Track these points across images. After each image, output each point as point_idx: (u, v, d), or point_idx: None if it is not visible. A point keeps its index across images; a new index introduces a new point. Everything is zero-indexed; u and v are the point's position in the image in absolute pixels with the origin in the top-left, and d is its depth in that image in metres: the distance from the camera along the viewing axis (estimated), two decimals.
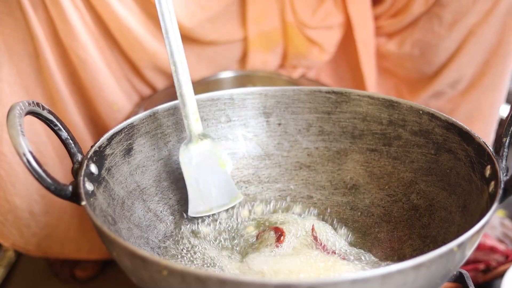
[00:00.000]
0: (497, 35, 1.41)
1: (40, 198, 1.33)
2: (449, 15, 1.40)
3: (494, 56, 1.43)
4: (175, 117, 1.02)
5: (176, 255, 0.95)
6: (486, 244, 1.40)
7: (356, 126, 1.06)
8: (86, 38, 1.26)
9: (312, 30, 1.44)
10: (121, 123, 0.95)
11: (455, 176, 0.93)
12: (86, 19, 1.25)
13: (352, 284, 0.64)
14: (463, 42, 1.43)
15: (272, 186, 1.08)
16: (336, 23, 1.47)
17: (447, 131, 0.95)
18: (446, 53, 1.45)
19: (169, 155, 1.02)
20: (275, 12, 1.44)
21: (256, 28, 1.43)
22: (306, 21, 1.43)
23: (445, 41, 1.43)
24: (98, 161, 0.88)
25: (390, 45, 1.50)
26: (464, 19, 1.39)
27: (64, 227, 1.38)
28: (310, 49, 1.46)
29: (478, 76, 1.46)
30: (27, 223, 1.34)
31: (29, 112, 0.81)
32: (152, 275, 0.69)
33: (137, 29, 1.29)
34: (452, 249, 0.70)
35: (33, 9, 1.20)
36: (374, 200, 1.04)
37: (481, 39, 1.41)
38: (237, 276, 0.69)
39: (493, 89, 1.47)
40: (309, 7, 1.45)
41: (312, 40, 1.45)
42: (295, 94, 1.08)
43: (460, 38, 1.42)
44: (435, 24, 1.42)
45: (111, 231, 0.73)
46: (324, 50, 1.47)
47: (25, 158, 0.74)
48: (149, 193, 0.98)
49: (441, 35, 1.42)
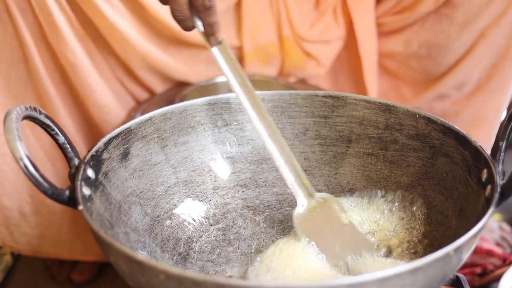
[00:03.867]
0: (507, 39, 1.39)
1: (31, 198, 1.32)
2: (460, 16, 1.38)
3: (503, 59, 1.42)
4: (172, 121, 1.02)
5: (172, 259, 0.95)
6: (483, 247, 1.40)
7: (353, 130, 1.06)
8: (73, 41, 1.25)
9: (309, 44, 1.43)
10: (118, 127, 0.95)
11: (451, 180, 0.93)
12: (73, 22, 1.24)
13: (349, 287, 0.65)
14: (473, 44, 1.41)
15: (269, 190, 1.08)
16: (335, 37, 1.46)
17: (443, 135, 0.95)
18: (455, 55, 1.44)
19: (166, 159, 1.02)
20: (271, 26, 1.43)
21: (252, 41, 1.42)
22: (303, 35, 1.42)
23: (455, 42, 1.41)
24: (95, 165, 0.88)
25: (396, 45, 1.49)
26: (476, 21, 1.38)
27: (56, 227, 1.38)
28: (307, 62, 1.45)
29: (485, 79, 1.45)
30: (17, 223, 1.34)
31: (26, 117, 0.81)
32: (149, 279, 0.69)
33: (127, 30, 1.29)
34: (449, 253, 0.70)
35: (20, 13, 1.20)
36: None
37: (491, 41, 1.40)
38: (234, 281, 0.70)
39: (499, 92, 1.45)
40: (306, 21, 1.44)
41: (309, 53, 1.44)
42: (291, 98, 1.08)
43: (471, 40, 1.41)
44: (445, 25, 1.40)
45: (108, 236, 0.73)
46: (321, 63, 1.46)
47: (22, 162, 0.74)
48: (146, 198, 0.98)
49: (451, 36, 1.41)
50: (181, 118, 1.04)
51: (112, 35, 1.29)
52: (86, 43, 1.28)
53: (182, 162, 1.04)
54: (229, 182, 1.07)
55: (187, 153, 1.05)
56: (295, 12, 1.43)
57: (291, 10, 1.42)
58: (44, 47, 1.25)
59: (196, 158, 1.05)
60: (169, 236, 0.98)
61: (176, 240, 0.99)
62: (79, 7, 1.24)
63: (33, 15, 1.21)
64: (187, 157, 1.04)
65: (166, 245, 0.97)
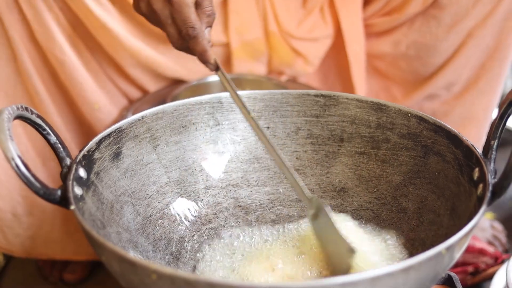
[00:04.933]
0: (494, 39, 1.40)
1: (23, 199, 1.32)
2: (447, 17, 1.39)
3: (491, 59, 1.43)
4: (164, 121, 1.02)
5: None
6: (475, 246, 1.41)
7: (345, 129, 1.06)
8: (62, 39, 1.25)
9: (297, 41, 1.44)
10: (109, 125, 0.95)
11: (443, 179, 0.93)
12: (62, 20, 1.24)
13: (341, 287, 0.65)
14: (461, 45, 1.42)
15: (261, 189, 1.08)
16: (323, 36, 1.47)
17: (435, 134, 0.95)
18: (444, 55, 1.44)
19: (158, 159, 1.02)
20: (257, 23, 1.43)
21: (239, 38, 1.43)
22: (291, 31, 1.43)
23: (443, 43, 1.42)
24: (87, 165, 0.87)
25: (385, 46, 1.49)
26: (463, 22, 1.38)
27: (48, 228, 1.38)
28: (295, 59, 1.46)
29: (473, 79, 1.46)
30: (10, 224, 1.33)
31: (18, 117, 0.81)
32: (141, 279, 0.69)
33: (116, 28, 1.28)
34: (440, 252, 0.70)
35: (8, 12, 1.19)
36: (363, 203, 1.04)
37: (479, 42, 1.40)
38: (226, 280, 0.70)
39: (488, 92, 1.46)
40: (294, 18, 1.45)
41: (297, 51, 1.44)
42: (283, 97, 1.08)
43: (459, 40, 1.42)
44: (432, 26, 1.41)
45: (100, 235, 0.73)
46: (309, 61, 1.46)
47: (13, 162, 0.74)
48: (138, 197, 0.98)
49: (439, 36, 1.41)
50: (173, 118, 1.03)
51: (102, 33, 1.29)
52: (74, 41, 1.28)
53: (174, 161, 1.04)
54: (221, 182, 1.07)
55: (179, 152, 1.04)
56: (282, 8, 1.43)
57: (277, 6, 1.43)
58: (33, 45, 1.24)
59: (188, 157, 1.05)
60: (161, 235, 0.98)
61: (168, 239, 0.99)
62: (66, 5, 1.24)
63: (21, 14, 1.21)
64: (179, 157, 1.04)
65: (158, 245, 0.97)
